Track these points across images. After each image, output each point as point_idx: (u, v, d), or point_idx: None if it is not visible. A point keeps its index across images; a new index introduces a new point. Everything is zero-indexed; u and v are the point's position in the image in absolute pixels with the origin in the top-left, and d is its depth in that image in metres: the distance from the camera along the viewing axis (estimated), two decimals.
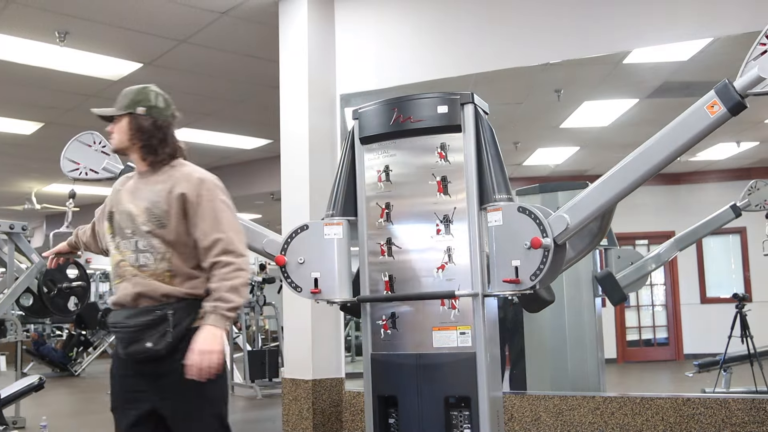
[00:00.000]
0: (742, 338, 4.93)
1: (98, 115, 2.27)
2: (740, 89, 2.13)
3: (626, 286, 4.46)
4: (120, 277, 2.13)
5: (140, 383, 2.07)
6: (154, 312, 2.04)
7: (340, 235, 2.66)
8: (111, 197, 2.29)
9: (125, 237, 2.14)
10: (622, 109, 6.07)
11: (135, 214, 2.13)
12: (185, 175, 2.17)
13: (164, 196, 2.12)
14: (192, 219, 2.10)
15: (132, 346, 2.05)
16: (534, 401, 4.05)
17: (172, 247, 2.10)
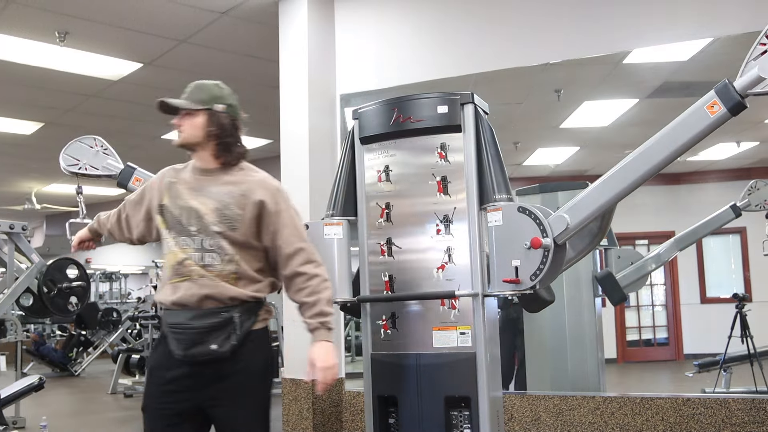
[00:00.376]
0: (742, 338, 4.93)
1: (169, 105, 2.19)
2: (740, 89, 2.13)
3: (626, 286, 4.46)
4: (182, 276, 2.07)
5: (190, 383, 2.04)
6: (219, 314, 2.02)
7: (340, 235, 2.66)
8: (160, 188, 2.20)
9: (188, 234, 2.08)
10: (622, 109, 6.07)
11: (203, 212, 2.08)
12: (261, 181, 2.14)
13: (237, 198, 2.08)
14: (268, 226, 2.09)
15: (195, 348, 2.02)
16: (534, 401, 4.05)
17: (241, 249, 2.07)
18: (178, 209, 2.12)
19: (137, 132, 7.92)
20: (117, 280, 14.95)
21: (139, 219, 2.29)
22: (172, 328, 2.06)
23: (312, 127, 4.59)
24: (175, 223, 2.11)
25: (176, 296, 2.06)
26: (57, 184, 10.68)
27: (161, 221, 2.15)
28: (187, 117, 2.16)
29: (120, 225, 2.39)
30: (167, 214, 2.14)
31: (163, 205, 2.16)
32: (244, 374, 2.07)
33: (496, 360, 2.52)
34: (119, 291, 14.93)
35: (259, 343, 2.15)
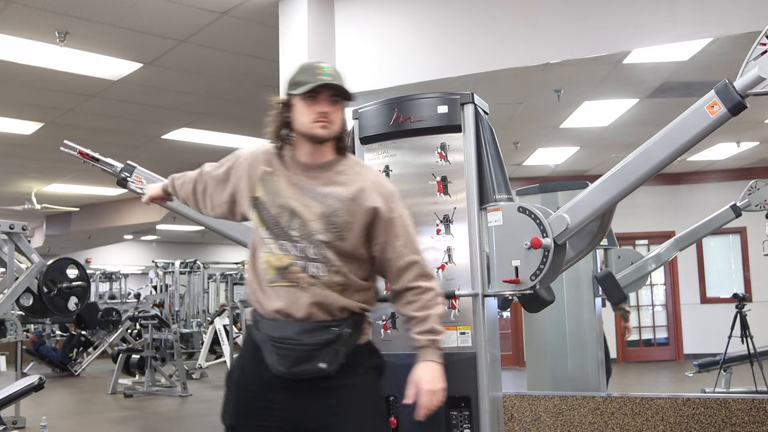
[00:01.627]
0: (742, 338, 4.94)
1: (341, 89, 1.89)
2: (740, 89, 2.13)
3: (626, 286, 4.47)
4: (289, 281, 1.83)
5: (289, 402, 1.83)
6: (329, 329, 1.81)
7: None
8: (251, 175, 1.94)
9: (289, 239, 1.85)
10: (622, 109, 6.07)
11: (307, 218, 1.84)
12: (374, 183, 1.92)
13: (347, 203, 1.85)
14: (379, 236, 1.89)
15: (301, 366, 1.79)
16: (534, 401, 4.05)
17: (348, 260, 1.86)
18: (277, 208, 1.87)
19: (137, 132, 7.91)
20: (117, 280, 14.96)
21: (222, 200, 2.05)
22: (277, 342, 1.81)
23: None
24: (272, 223, 1.87)
25: (280, 304, 1.82)
26: (57, 184, 10.68)
27: (257, 218, 1.90)
28: (337, 106, 1.92)
29: (196, 197, 2.15)
30: (263, 211, 1.89)
31: (257, 198, 1.91)
32: (351, 392, 1.85)
33: (496, 360, 2.52)
34: (119, 291, 14.94)
35: (366, 357, 1.93)
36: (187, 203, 2.22)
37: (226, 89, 6.40)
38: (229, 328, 8.95)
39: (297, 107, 1.88)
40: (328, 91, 1.86)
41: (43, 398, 7.20)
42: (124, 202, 12.10)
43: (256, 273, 1.90)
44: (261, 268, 1.87)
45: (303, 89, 1.84)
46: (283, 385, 1.82)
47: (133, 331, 10.55)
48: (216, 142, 8.29)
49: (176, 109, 7.09)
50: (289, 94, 1.90)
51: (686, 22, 3.94)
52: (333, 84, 1.86)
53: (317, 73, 1.86)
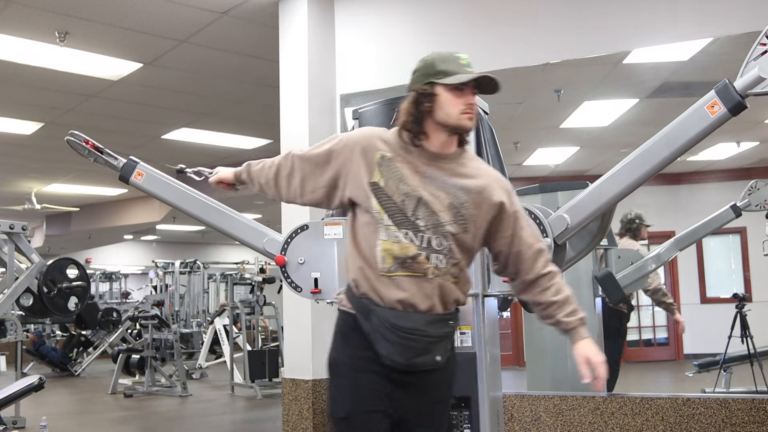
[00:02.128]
0: (742, 338, 4.93)
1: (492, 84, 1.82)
2: (740, 89, 2.13)
3: (626, 286, 4.46)
4: (413, 271, 1.77)
5: (398, 393, 1.81)
6: (447, 322, 1.82)
7: (340, 235, 2.66)
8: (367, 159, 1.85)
9: (414, 228, 1.78)
10: (622, 109, 6.07)
11: (436, 208, 1.79)
12: (496, 178, 1.90)
13: (473, 196, 1.81)
14: (506, 230, 1.87)
15: (421, 357, 1.78)
16: (534, 401, 4.05)
17: (465, 253, 1.84)
18: (402, 196, 1.79)
19: (137, 132, 7.92)
20: (117, 280, 14.96)
21: (320, 184, 1.93)
22: (405, 332, 1.76)
23: (312, 127, 4.59)
24: (395, 211, 1.79)
25: (404, 294, 1.77)
26: (57, 184, 10.68)
27: (377, 205, 1.80)
28: (475, 97, 1.83)
29: (279, 182, 2.02)
30: (384, 198, 1.80)
31: (376, 184, 1.82)
32: (448, 385, 1.90)
33: (496, 360, 2.52)
34: (119, 291, 14.94)
35: (455, 352, 1.93)
36: (265, 190, 2.09)
37: (226, 89, 6.41)
38: (229, 328, 8.95)
39: (442, 97, 1.80)
40: (472, 83, 1.81)
41: (43, 398, 7.20)
42: (124, 202, 12.10)
43: (364, 258, 1.83)
44: (377, 256, 1.80)
45: (456, 79, 1.79)
46: (392, 376, 1.79)
47: (133, 331, 10.55)
48: (216, 142, 8.29)
49: (176, 109, 7.09)
50: (432, 83, 1.81)
51: (686, 22, 3.94)
52: (488, 76, 1.80)
53: (461, 64, 1.82)
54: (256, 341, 9.44)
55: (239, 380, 8.17)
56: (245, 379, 7.98)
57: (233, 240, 2.93)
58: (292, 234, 2.71)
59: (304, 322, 4.49)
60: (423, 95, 1.81)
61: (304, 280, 2.67)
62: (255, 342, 9.41)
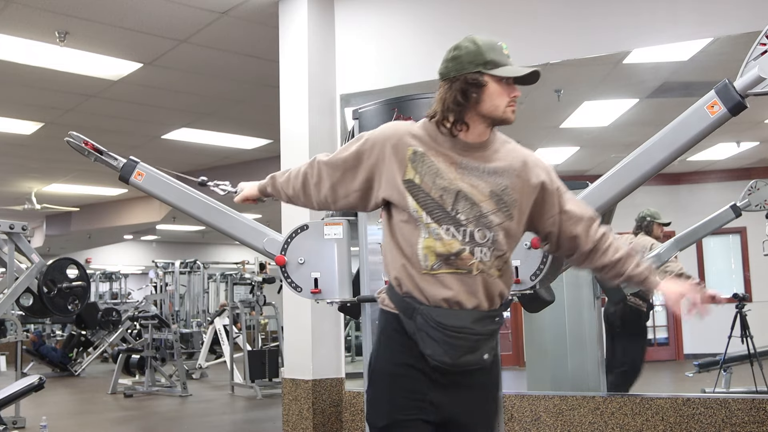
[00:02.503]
0: (742, 338, 4.93)
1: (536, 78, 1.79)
2: (740, 89, 2.13)
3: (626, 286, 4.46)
4: (457, 269, 1.71)
5: (444, 393, 1.75)
6: (494, 319, 1.76)
7: (340, 235, 2.66)
8: (399, 156, 1.77)
9: (455, 223, 1.72)
10: (622, 109, 6.07)
11: (477, 199, 1.72)
12: (532, 157, 1.83)
13: (513, 180, 1.75)
14: (552, 209, 1.81)
15: (468, 356, 1.72)
16: (534, 401, 4.05)
17: (510, 241, 1.77)
18: (440, 191, 1.73)
19: (137, 132, 7.92)
20: (117, 280, 14.97)
21: (353, 188, 1.86)
22: (452, 331, 1.70)
23: (312, 127, 4.60)
24: (433, 207, 1.72)
25: (449, 293, 1.71)
26: (57, 184, 10.68)
27: (414, 203, 1.74)
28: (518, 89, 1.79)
29: (307, 191, 1.95)
30: (421, 195, 1.73)
31: (411, 181, 1.75)
32: (495, 384, 1.86)
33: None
34: (119, 291, 14.95)
35: (499, 350, 1.89)
36: (293, 201, 2.04)
37: (226, 89, 6.41)
38: (229, 328, 8.95)
39: (491, 88, 1.72)
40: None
41: (43, 398, 7.20)
42: (124, 202, 12.10)
43: (404, 257, 1.76)
44: (418, 254, 1.73)
45: (516, 72, 1.73)
46: (439, 377, 1.74)
47: (133, 331, 10.55)
48: (216, 142, 8.29)
49: (176, 109, 7.09)
50: (482, 72, 1.71)
51: (686, 22, 3.94)
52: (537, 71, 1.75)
53: (505, 55, 1.76)
54: (256, 341, 9.44)
55: (239, 380, 8.17)
56: (245, 379, 7.98)
57: (233, 240, 2.93)
58: (292, 234, 2.71)
59: (304, 322, 4.49)
60: (472, 84, 1.71)
61: (304, 280, 2.67)
62: (255, 342, 9.41)
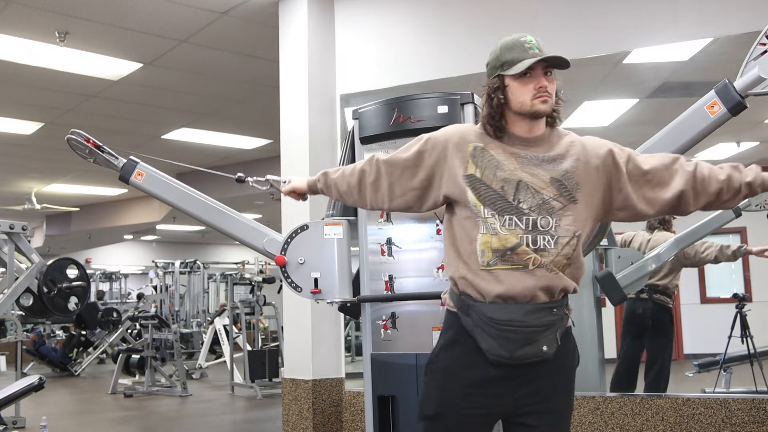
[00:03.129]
0: (742, 338, 4.93)
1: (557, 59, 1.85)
2: (740, 89, 2.14)
3: (626, 286, 4.46)
4: (512, 264, 1.74)
5: (502, 388, 1.77)
6: (551, 311, 1.75)
7: (340, 235, 2.66)
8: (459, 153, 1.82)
9: (518, 212, 1.74)
10: (622, 109, 6.06)
11: (538, 188, 1.76)
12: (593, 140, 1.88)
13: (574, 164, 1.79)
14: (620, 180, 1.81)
15: (524, 349, 1.72)
16: None
17: (582, 225, 1.77)
18: (501, 182, 1.77)
19: (137, 132, 7.92)
20: (117, 280, 14.97)
21: (412, 186, 1.90)
22: (503, 325, 1.73)
23: (312, 127, 4.60)
24: (495, 198, 1.76)
25: (503, 288, 1.73)
26: (57, 184, 10.68)
27: (474, 198, 1.77)
28: (551, 78, 1.85)
29: (363, 189, 1.98)
30: (483, 189, 1.77)
31: (472, 176, 1.79)
32: (562, 377, 1.82)
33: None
34: (119, 291, 14.95)
35: (572, 340, 1.86)
36: (345, 198, 2.05)
37: (226, 89, 6.41)
38: (229, 328, 8.95)
39: (512, 87, 1.80)
40: (541, 64, 1.81)
41: (43, 398, 7.20)
42: (124, 202, 12.11)
43: (462, 255, 1.80)
44: (477, 251, 1.77)
45: (519, 68, 1.78)
46: (497, 371, 1.75)
47: (133, 331, 10.55)
48: (216, 142, 8.29)
49: (176, 109, 7.09)
50: (500, 75, 1.81)
51: (686, 22, 3.94)
52: (549, 57, 1.80)
53: (526, 49, 1.81)
54: (256, 341, 9.45)
55: (239, 380, 8.17)
56: (245, 379, 7.98)
57: (233, 240, 2.93)
58: (292, 234, 2.71)
59: (304, 322, 4.49)
60: (494, 89, 1.82)
61: (304, 280, 2.67)
62: (255, 342, 9.41)
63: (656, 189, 1.81)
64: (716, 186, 1.83)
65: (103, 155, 2.82)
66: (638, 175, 1.81)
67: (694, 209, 1.87)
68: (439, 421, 1.80)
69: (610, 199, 1.81)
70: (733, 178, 1.85)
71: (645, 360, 4.64)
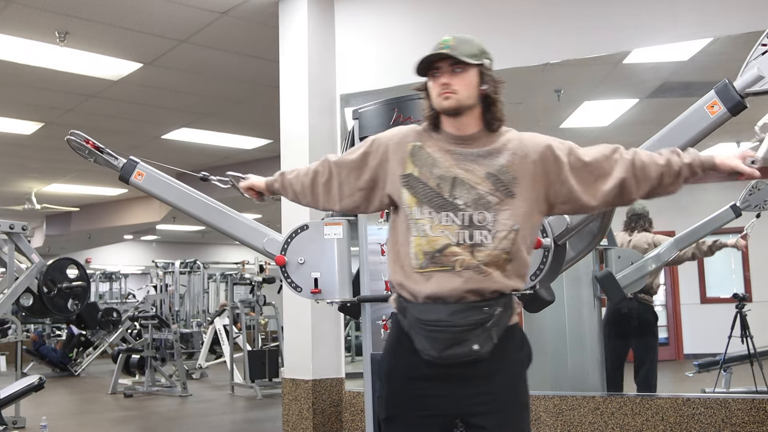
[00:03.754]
0: (742, 338, 4.93)
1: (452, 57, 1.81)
2: (740, 89, 2.14)
3: (626, 286, 4.46)
4: (440, 265, 1.74)
5: (442, 388, 1.77)
6: (482, 309, 1.73)
7: (340, 235, 2.66)
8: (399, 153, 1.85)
9: (454, 209, 1.75)
10: (622, 109, 6.06)
11: (473, 183, 1.76)
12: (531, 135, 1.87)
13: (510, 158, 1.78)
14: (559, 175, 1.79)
15: (454, 348, 1.72)
16: (534, 401, 4.05)
17: (520, 221, 1.76)
18: (436, 179, 1.78)
19: (137, 132, 7.92)
20: (117, 280, 14.96)
21: (357, 187, 1.93)
22: (430, 325, 1.74)
23: (312, 127, 4.60)
24: (432, 196, 1.77)
25: (431, 289, 1.75)
26: (57, 184, 10.68)
27: (409, 197, 1.80)
28: (461, 74, 1.81)
29: (316, 189, 2.02)
30: (419, 187, 1.79)
31: (409, 175, 1.81)
32: (505, 376, 1.79)
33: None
34: (119, 291, 14.95)
35: (519, 338, 1.86)
36: (299, 198, 2.10)
37: (226, 89, 6.41)
38: (229, 328, 8.95)
39: (429, 86, 1.85)
40: (447, 61, 1.81)
41: (43, 398, 7.20)
42: (124, 202, 12.10)
43: (399, 258, 1.82)
44: (410, 253, 1.78)
45: (416, 66, 1.84)
46: (435, 371, 1.76)
47: (133, 331, 10.55)
48: (216, 142, 8.29)
49: (176, 109, 7.09)
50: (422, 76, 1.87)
51: (686, 22, 3.94)
52: (431, 54, 1.81)
53: (435, 47, 1.84)
54: (256, 341, 9.45)
55: (239, 380, 8.17)
56: (245, 379, 7.98)
57: (233, 240, 2.93)
58: (292, 234, 2.71)
59: (304, 322, 4.49)
60: (420, 90, 1.88)
61: (304, 280, 2.67)
62: (255, 342, 9.41)
63: (599, 180, 1.80)
64: (656, 170, 1.81)
65: (103, 156, 2.82)
66: (580, 168, 1.80)
67: (637, 197, 1.85)
68: (393, 424, 1.82)
69: (552, 192, 1.80)
70: (672, 161, 1.82)
71: (632, 360, 4.61)
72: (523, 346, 1.87)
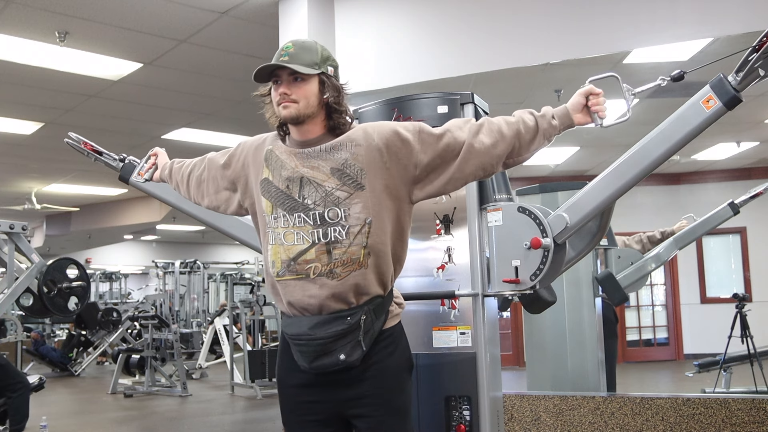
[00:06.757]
0: (742, 338, 4.94)
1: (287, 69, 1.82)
2: (735, 83, 2.13)
3: (627, 286, 4.46)
4: (296, 273, 1.73)
5: (321, 393, 1.78)
6: (345, 320, 1.70)
7: None
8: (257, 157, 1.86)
9: (304, 209, 1.73)
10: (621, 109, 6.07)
11: (320, 180, 1.74)
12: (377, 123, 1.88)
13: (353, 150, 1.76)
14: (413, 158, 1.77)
15: (321, 360, 1.72)
16: (534, 401, 4.05)
17: (374, 213, 1.73)
18: (285, 181, 1.77)
19: (137, 132, 7.92)
20: (117, 280, 14.97)
21: (221, 187, 1.98)
22: (293, 339, 1.75)
23: None
24: (284, 198, 1.76)
25: (290, 299, 1.75)
26: (57, 184, 10.68)
27: (266, 202, 1.79)
28: (301, 84, 1.80)
29: (189, 182, 2.07)
30: (273, 191, 1.79)
31: (266, 179, 1.81)
32: (379, 381, 1.75)
33: (496, 360, 2.52)
34: (119, 291, 14.96)
35: (392, 343, 1.80)
36: (180, 189, 2.14)
37: (226, 89, 6.40)
38: (229, 328, 8.95)
39: (271, 92, 1.87)
40: (286, 70, 1.82)
41: (43, 398, 7.20)
42: (124, 202, 12.10)
43: (267, 267, 1.82)
44: (269, 261, 1.79)
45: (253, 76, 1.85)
46: (312, 379, 1.77)
47: (133, 331, 10.55)
48: (216, 142, 8.28)
49: (176, 109, 7.09)
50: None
51: (686, 22, 3.94)
52: (281, 64, 1.81)
53: (276, 56, 1.87)
54: (256, 341, 9.45)
55: (239, 380, 8.18)
56: (245, 379, 7.98)
57: (233, 240, 2.93)
58: None
59: None
60: (264, 95, 1.90)
61: None
62: (255, 342, 9.42)
63: (455, 149, 1.76)
64: (511, 128, 1.81)
65: (102, 158, 2.83)
66: (433, 141, 1.77)
67: (500, 158, 1.83)
68: (287, 428, 1.86)
69: (408, 176, 1.77)
70: (524, 116, 1.83)
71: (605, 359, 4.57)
72: (396, 352, 1.80)
